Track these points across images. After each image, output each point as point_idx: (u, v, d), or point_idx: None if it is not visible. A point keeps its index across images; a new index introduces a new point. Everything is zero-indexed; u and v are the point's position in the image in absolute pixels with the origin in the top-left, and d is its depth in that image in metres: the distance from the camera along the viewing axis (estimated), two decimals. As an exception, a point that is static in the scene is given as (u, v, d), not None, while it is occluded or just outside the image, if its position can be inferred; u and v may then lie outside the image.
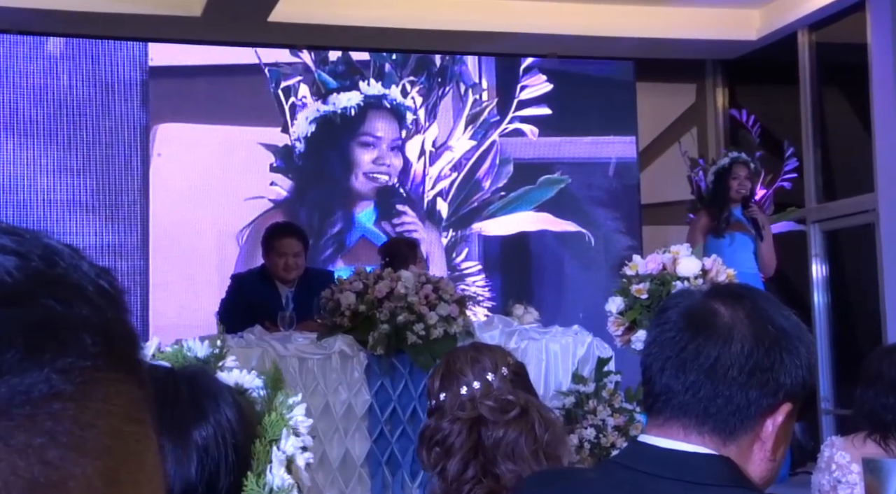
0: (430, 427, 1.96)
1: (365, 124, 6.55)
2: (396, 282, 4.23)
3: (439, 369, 2.08)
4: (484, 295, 6.55)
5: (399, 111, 6.64)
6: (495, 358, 2.05)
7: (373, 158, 6.55)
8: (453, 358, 2.08)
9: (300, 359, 4.16)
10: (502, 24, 6.48)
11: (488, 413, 1.88)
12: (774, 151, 6.81)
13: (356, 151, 6.52)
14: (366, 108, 6.54)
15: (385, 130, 6.61)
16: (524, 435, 1.86)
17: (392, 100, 6.61)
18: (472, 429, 1.90)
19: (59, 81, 6.04)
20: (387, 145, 6.59)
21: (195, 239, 6.23)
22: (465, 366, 2.02)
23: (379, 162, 6.55)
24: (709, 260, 3.78)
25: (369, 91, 6.56)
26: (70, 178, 6.01)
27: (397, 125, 6.65)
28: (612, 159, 6.98)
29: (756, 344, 1.23)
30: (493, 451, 1.87)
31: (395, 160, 6.61)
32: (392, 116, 6.63)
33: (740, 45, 6.97)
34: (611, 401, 4.20)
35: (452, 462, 1.89)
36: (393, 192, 6.59)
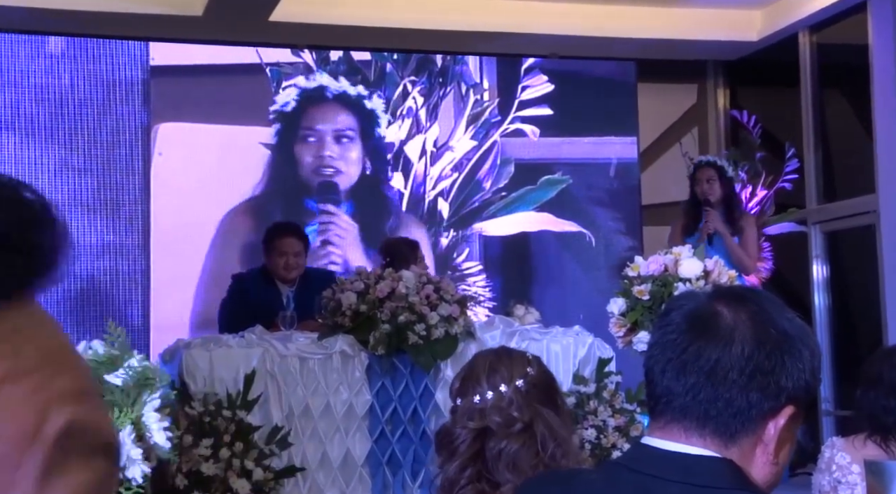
0: (443, 429, 2.04)
1: (304, 118, 6.46)
2: (397, 282, 4.23)
3: (464, 369, 2.11)
4: (485, 296, 6.55)
5: (346, 100, 6.51)
6: (513, 369, 2.05)
7: (313, 153, 6.46)
8: (476, 362, 2.11)
9: (301, 359, 4.16)
10: (503, 25, 6.48)
11: (494, 426, 1.96)
12: (775, 152, 6.81)
13: (298, 147, 6.46)
14: (304, 103, 6.46)
15: (325, 123, 6.50)
16: (526, 449, 1.91)
17: (336, 90, 6.51)
18: (477, 439, 1.96)
19: (61, 80, 6.04)
20: (330, 137, 6.51)
21: (196, 238, 6.23)
22: (482, 374, 2.04)
23: (318, 155, 6.45)
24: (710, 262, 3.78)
25: (308, 84, 6.47)
26: (71, 178, 6.01)
27: (346, 115, 6.52)
28: (612, 160, 6.98)
29: (757, 347, 1.23)
30: (493, 461, 1.93)
31: (341, 151, 6.47)
32: (336, 106, 6.51)
33: (741, 46, 6.97)
34: (612, 402, 4.20)
35: (453, 465, 1.96)
36: (329, 187, 6.45)
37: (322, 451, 4.14)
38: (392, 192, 6.64)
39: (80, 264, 5.97)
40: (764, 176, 6.64)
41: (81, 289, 5.95)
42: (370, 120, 6.57)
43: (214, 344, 4.14)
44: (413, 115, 6.71)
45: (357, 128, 6.55)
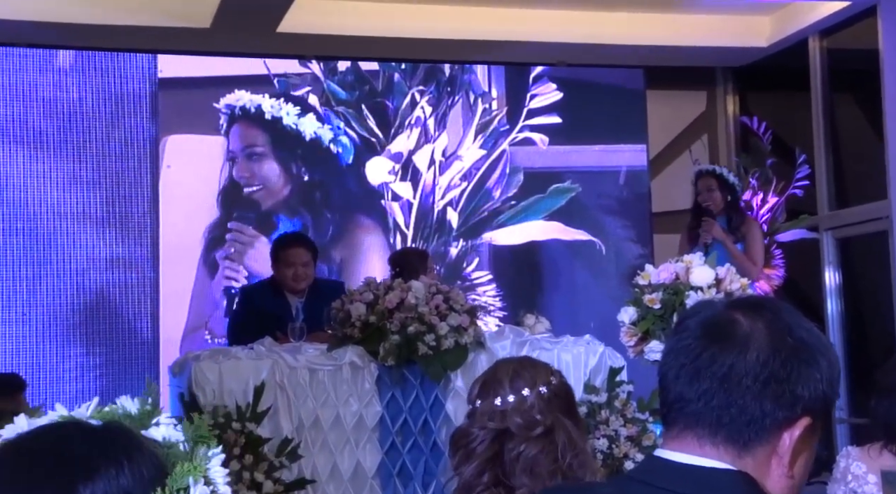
0: (460, 430, 2.03)
1: (228, 139, 6.35)
2: (407, 293, 4.21)
3: (480, 378, 2.11)
4: (495, 305, 6.53)
5: (256, 116, 6.40)
6: (536, 376, 2.05)
7: (231, 170, 6.36)
8: (498, 367, 2.11)
9: (311, 370, 4.14)
10: (511, 33, 6.47)
11: (515, 428, 1.94)
12: (786, 158, 6.77)
13: (224, 166, 6.37)
14: (232, 120, 6.37)
15: (236, 142, 6.40)
16: (545, 454, 1.89)
17: (248, 107, 6.39)
18: (496, 440, 1.95)
19: (69, 94, 6.05)
20: (241, 155, 6.39)
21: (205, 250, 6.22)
22: (505, 378, 2.04)
23: (241, 173, 6.38)
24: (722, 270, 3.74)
25: (237, 102, 6.35)
26: (80, 191, 6.01)
27: (256, 130, 6.42)
28: (622, 167, 6.96)
29: (773, 354, 1.21)
30: (511, 464, 1.91)
31: (252, 168, 6.38)
32: (248, 123, 6.41)
33: (751, 52, 6.95)
34: (623, 411, 4.17)
35: (470, 467, 1.95)
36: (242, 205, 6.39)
37: (332, 463, 4.12)
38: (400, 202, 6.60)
39: (89, 277, 5.96)
40: (775, 182, 6.60)
41: (90, 302, 5.95)
42: (279, 133, 6.42)
43: (223, 356, 4.12)
44: (421, 125, 6.70)
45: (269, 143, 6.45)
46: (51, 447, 1.13)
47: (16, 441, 1.17)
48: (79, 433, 1.16)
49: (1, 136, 5.92)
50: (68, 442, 1.14)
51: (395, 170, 6.63)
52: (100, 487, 1.09)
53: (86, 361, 5.88)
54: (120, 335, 5.98)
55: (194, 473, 1.18)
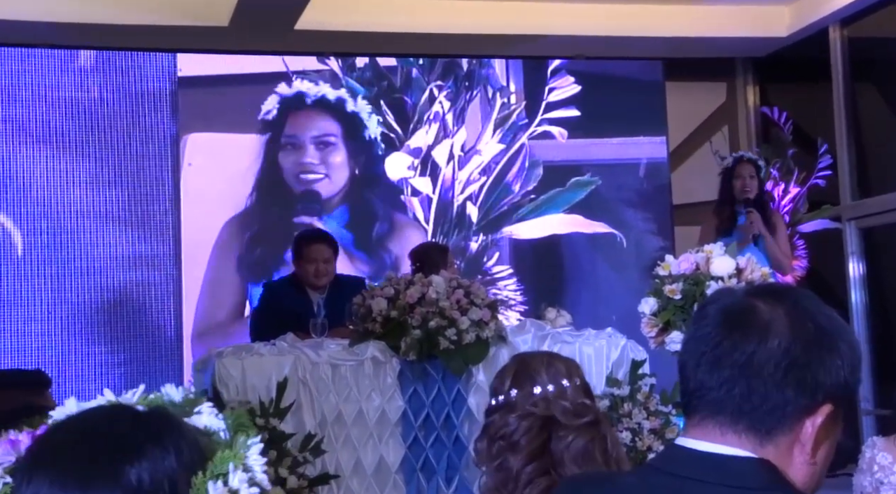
0: (495, 421, 1.98)
1: (286, 126, 6.42)
2: (428, 287, 4.21)
3: (510, 369, 2.06)
4: (516, 299, 6.53)
5: (326, 105, 6.47)
6: (568, 367, 2.04)
7: (294, 159, 6.42)
8: (526, 360, 2.07)
9: (333, 366, 4.15)
10: (529, 27, 6.46)
11: (561, 415, 1.90)
12: (808, 149, 6.73)
13: (280, 154, 6.41)
14: (284, 110, 6.42)
15: (306, 128, 6.46)
16: (595, 444, 1.86)
17: (313, 96, 6.45)
18: (543, 429, 1.91)
19: (90, 94, 6.09)
20: (310, 142, 6.44)
21: (226, 247, 6.25)
22: (541, 368, 2.01)
23: (299, 161, 6.41)
24: (743, 259, 3.73)
25: (287, 91, 6.42)
26: (102, 190, 6.05)
27: (327, 120, 6.48)
28: (642, 160, 6.94)
29: (793, 341, 1.20)
30: (560, 454, 1.87)
31: (322, 157, 6.43)
32: (316, 112, 6.47)
33: (771, 42, 6.90)
34: (646, 404, 4.15)
35: (517, 458, 1.90)
36: (311, 198, 6.41)
37: (356, 458, 4.13)
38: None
39: (112, 275, 6.01)
40: (796, 173, 6.56)
41: (114, 300, 5.99)
42: (350, 123, 6.52)
43: (246, 352, 4.14)
44: (440, 120, 6.70)
45: (339, 134, 6.51)
46: (100, 428, 1.16)
47: (65, 422, 1.19)
48: (127, 416, 1.19)
49: (24, 137, 5.96)
50: (117, 424, 1.16)
51: (414, 166, 6.64)
52: (146, 468, 1.12)
53: (109, 358, 5.92)
54: (143, 332, 6.02)
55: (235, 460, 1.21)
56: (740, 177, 5.71)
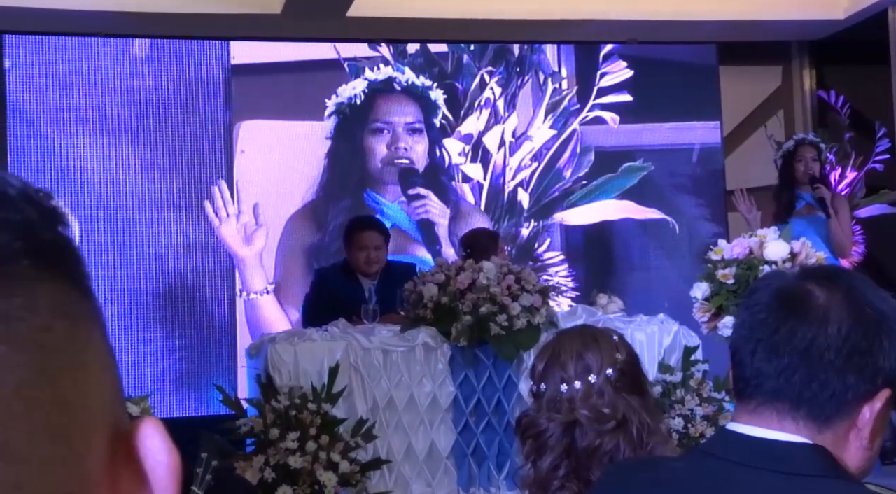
0: (527, 417, 1.94)
1: (374, 110, 6.46)
2: (478, 273, 4.22)
3: (546, 351, 2.00)
4: (567, 286, 6.50)
5: (414, 92, 6.49)
6: (602, 356, 1.93)
7: (387, 145, 6.46)
8: (561, 345, 1.98)
9: (384, 352, 4.18)
10: (581, 12, 6.41)
11: (584, 421, 1.87)
12: (865, 132, 6.61)
13: (369, 140, 6.46)
14: (372, 95, 6.44)
15: (396, 113, 6.49)
16: (624, 442, 1.84)
17: (403, 82, 6.48)
18: (567, 431, 1.88)
19: (145, 82, 6.16)
20: (402, 128, 6.50)
21: (279, 235, 6.30)
22: (569, 361, 1.93)
23: (394, 147, 6.45)
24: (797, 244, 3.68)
25: (377, 76, 6.46)
26: (158, 177, 6.13)
27: (414, 106, 6.51)
28: (695, 145, 6.87)
29: (854, 327, 1.19)
30: (587, 457, 1.85)
31: (412, 143, 6.48)
32: (405, 98, 6.49)
33: (827, 24, 6.78)
34: (699, 391, 4.13)
35: (545, 460, 1.88)
36: (413, 175, 6.44)
37: (407, 443, 4.16)
38: (470, 183, 6.62)
39: (167, 262, 6.09)
40: (854, 157, 6.45)
41: (170, 287, 6.07)
42: (433, 111, 6.56)
43: (298, 338, 4.18)
44: (491, 106, 6.69)
45: (423, 120, 6.55)
46: None
47: None
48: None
49: (80, 125, 6.05)
50: None
51: (465, 152, 6.63)
52: None
53: (165, 345, 6.01)
54: (198, 318, 6.10)
55: None
56: (803, 160, 5.60)
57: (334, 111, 6.41)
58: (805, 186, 5.61)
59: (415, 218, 6.40)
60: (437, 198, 6.46)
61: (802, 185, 5.60)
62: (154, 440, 0.45)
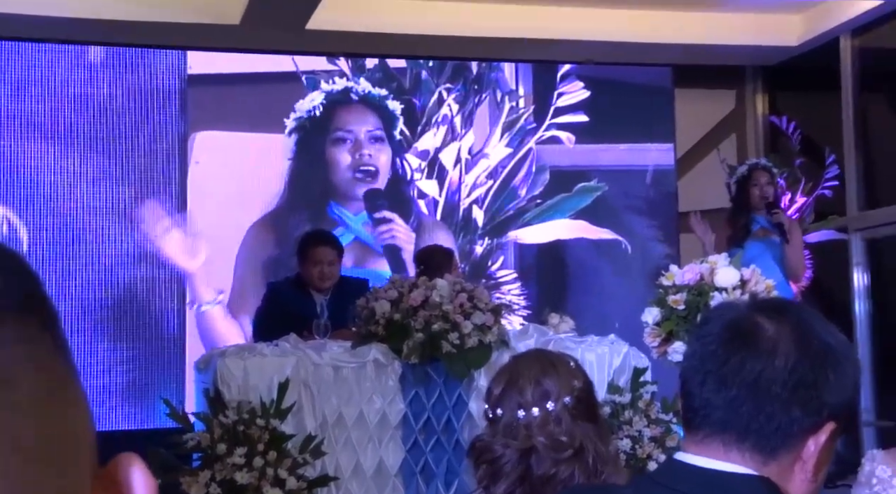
0: (481, 441, 1.92)
1: (333, 121, 6.46)
2: (431, 291, 4.21)
3: (503, 375, 1.98)
4: (520, 304, 6.52)
5: (372, 102, 6.51)
6: (560, 383, 1.92)
7: (350, 153, 6.45)
8: (518, 369, 1.96)
9: (335, 368, 4.16)
10: (539, 31, 6.45)
11: (541, 448, 1.85)
12: (815, 158, 6.72)
13: (331, 150, 6.45)
14: (330, 106, 6.44)
15: (357, 123, 6.49)
16: (578, 474, 1.83)
17: (360, 92, 6.49)
18: (523, 458, 1.86)
19: (99, 90, 6.09)
20: (364, 136, 6.49)
21: (232, 247, 6.25)
22: (527, 386, 1.91)
23: (357, 154, 6.45)
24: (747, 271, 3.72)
25: (334, 87, 6.46)
26: (110, 186, 6.06)
27: (373, 116, 6.52)
28: (649, 166, 6.93)
29: (801, 360, 1.20)
30: (542, 485, 1.83)
31: (375, 151, 6.48)
32: (364, 108, 6.50)
33: (781, 50, 6.89)
34: (647, 412, 4.15)
35: (499, 486, 1.86)
36: (378, 196, 6.45)
37: (355, 460, 4.13)
38: (425, 199, 6.62)
39: (117, 272, 6.01)
40: (803, 182, 6.55)
41: (119, 297, 5.99)
42: (391, 121, 6.57)
43: (249, 352, 4.14)
44: (448, 123, 6.70)
45: (383, 129, 6.55)
46: None
47: None
48: None
49: (32, 132, 5.97)
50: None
51: (421, 168, 6.64)
52: None
53: (114, 356, 5.93)
54: (147, 330, 6.03)
55: None
56: (758, 184, 5.69)
57: (295, 127, 6.38)
58: (759, 210, 5.70)
59: (381, 242, 6.40)
60: (402, 220, 6.46)
61: (757, 209, 5.69)
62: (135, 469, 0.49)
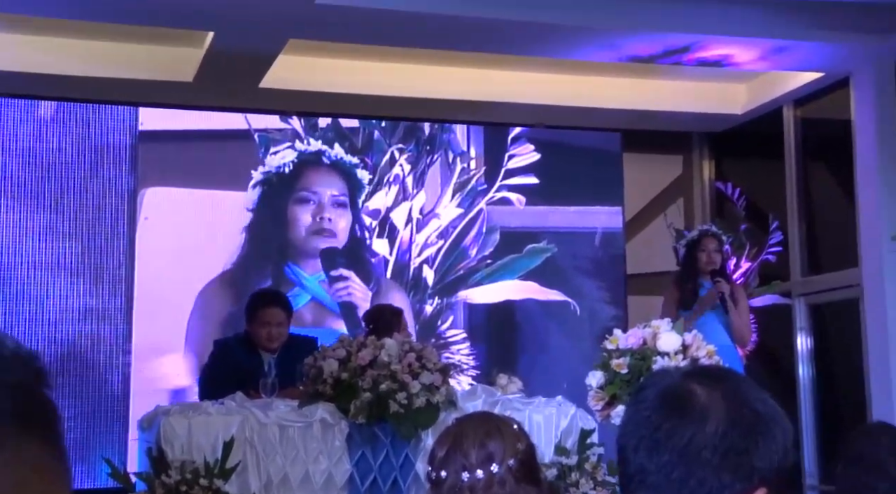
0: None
1: (301, 181, 6.50)
2: (380, 350, 4.21)
3: (447, 437, 1.98)
4: (469, 364, 6.52)
5: (342, 167, 6.57)
6: (504, 447, 1.92)
7: (312, 215, 6.48)
8: (463, 431, 1.96)
9: (281, 427, 4.12)
10: (491, 94, 6.56)
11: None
12: (760, 224, 6.85)
13: (294, 209, 6.49)
14: (301, 166, 6.49)
15: (323, 185, 6.54)
16: None
17: (333, 156, 6.56)
18: None
19: (49, 144, 6.06)
20: (328, 201, 6.54)
21: (179, 303, 6.19)
22: (472, 449, 1.91)
23: (318, 216, 6.49)
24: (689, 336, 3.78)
25: (307, 147, 6.51)
26: (56, 241, 6.00)
27: (340, 181, 6.57)
28: (598, 229, 7.01)
29: (731, 427, 1.22)
30: None
31: (336, 216, 6.52)
32: (333, 172, 6.56)
33: (726, 118, 7.06)
34: (594, 474, 4.16)
35: None
36: (335, 254, 6.49)
37: (300, 522, 4.08)
38: (376, 258, 6.64)
39: (61, 328, 5.93)
40: (748, 248, 6.66)
41: (62, 354, 5.90)
42: (358, 189, 6.61)
43: (193, 411, 4.09)
44: (400, 183, 6.75)
45: (348, 195, 6.59)
46: None
47: None
48: None
49: (-22, 185, 5.91)
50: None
51: (372, 227, 6.66)
52: None
53: (55, 412, 5.81)
54: (91, 387, 5.93)
55: None
56: (706, 250, 5.82)
57: (260, 181, 6.39)
58: (707, 275, 5.81)
59: (336, 299, 6.40)
60: (359, 278, 6.47)
61: (704, 274, 5.80)
62: None
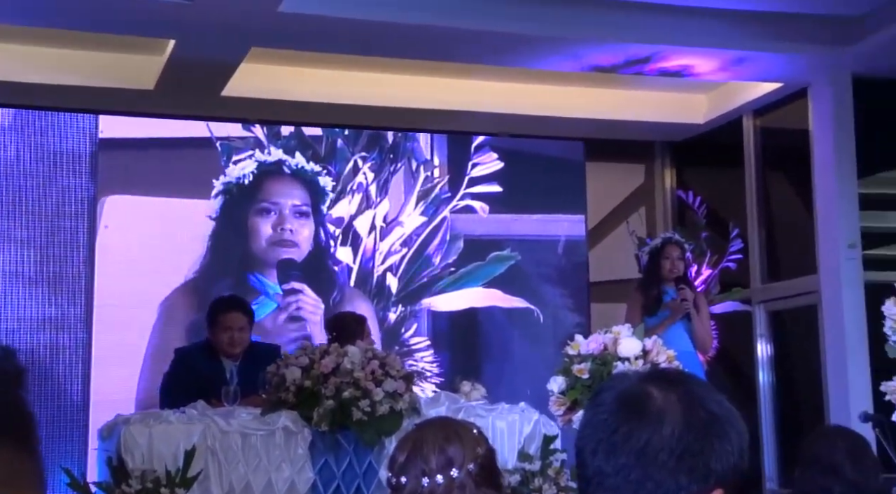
0: None
1: (261, 191, 6.48)
2: (343, 358, 4.20)
3: (407, 443, 1.98)
4: (432, 371, 6.52)
5: (304, 175, 6.55)
6: (464, 451, 1.94)
7: (273, 226, 6.47)
8: (423, 437, 1.97)
9: (243, 435, 4.10)
10: (455, 103, 6.58)
11: None
12: (720, 232, 6.92)
13: (255, 220, 6.46)
14: (261, 175, 6.47)
15: (284, 195, 6.52)
16: None
17: (294, 165, 6.54)
18: None
19: (7, 152, 6.00)
20: (289, 211, 6.52)
21: (139, 312, 6.14)
22: (432, 454, 1.92)
23: (279, 228, 6.47)
24: (649, 341, 3.81)
25: (267, 157, 6.49)
26: (13, 249, 5.93)
27: (302, 190, 6.56)
28: (561, 237, 7.05)
29: (686, 428, 1.24)
30: None
31: (297, 226, 6.51)
32: (295, 181, 6.54)
33: (687, 127, 7.13)
34: (556, 480, 4.18)
35: None
36: (291, 267, 6.46)
37: (262, 530, 4.05)
38: (339, 266, 6.63)
39: (19, 337, 5.86)
40: (709, 255, 6.73)
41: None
42: (321, 196, 6.60)
43: (154, 419, 4.06)
44: (363, 191, 6.74)
45: (310, 204, 6.57)
46: None
47: None
48: None
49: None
50: None
51: (336, 235, 6.65)
52: None
53: (13, 423, 5.74)
54: (50, 396, 5.86)
55: None
56: (669, 258, 5.91)
57: (222, 190, 6.36)
58: (669, 282, 5.88)
59: (288, 313, 6.37)
60: (312, 291, 6.44)
61: (667, 281, 5.87)
62: None
